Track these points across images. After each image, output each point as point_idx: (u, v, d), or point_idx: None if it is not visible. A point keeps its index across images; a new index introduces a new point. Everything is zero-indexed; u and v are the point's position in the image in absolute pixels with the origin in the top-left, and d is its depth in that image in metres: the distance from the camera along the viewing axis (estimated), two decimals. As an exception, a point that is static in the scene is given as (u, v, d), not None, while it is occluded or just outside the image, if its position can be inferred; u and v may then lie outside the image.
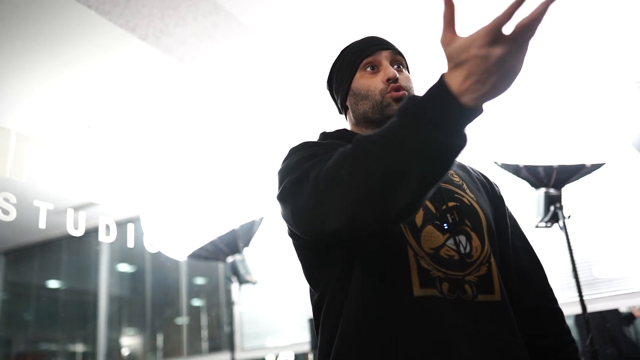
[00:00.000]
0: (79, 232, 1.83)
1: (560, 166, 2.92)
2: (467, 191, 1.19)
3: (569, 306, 3.56)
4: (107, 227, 1.99)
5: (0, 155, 1.61)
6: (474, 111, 0.78)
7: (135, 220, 2.32)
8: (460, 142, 0.79)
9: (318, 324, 1.11)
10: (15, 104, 1.76)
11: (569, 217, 2.91)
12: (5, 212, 1.60)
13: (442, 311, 0.99)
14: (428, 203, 1.11)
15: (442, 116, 0.78)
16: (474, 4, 3.04)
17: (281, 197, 1.04)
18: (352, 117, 1.25)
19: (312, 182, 0.94)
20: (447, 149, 0.79)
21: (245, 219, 2.98)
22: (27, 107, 1.79)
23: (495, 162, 3.07)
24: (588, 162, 2.93)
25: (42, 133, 1.80)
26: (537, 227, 3.04)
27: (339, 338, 1.01)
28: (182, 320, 4.21)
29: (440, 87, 0.78)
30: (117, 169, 2.11)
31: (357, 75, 1.22)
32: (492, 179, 1.36)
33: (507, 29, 0.74)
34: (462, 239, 1.08)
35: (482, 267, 1.07)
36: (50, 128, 1.89)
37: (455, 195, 1.15)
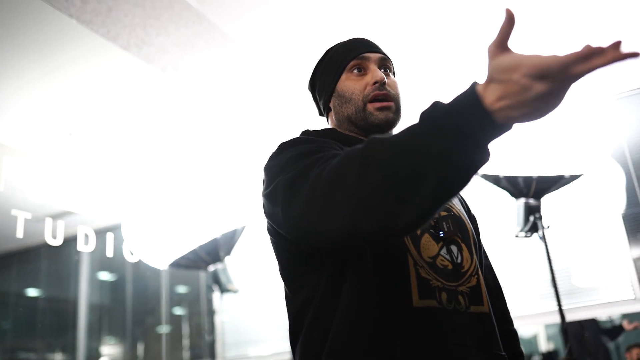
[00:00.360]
0: (57, 242, 1.82)
1: (539, 177, 2.96)
2: (453, 202, 1.18)
3: (548, 315, 3.60)
4: (86, 236, 1.98)
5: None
6: (504, 127, 0.74)
7: (115, 229, 2.31)
8: (484, 156, 0.75)
9: (298, 333, 1.05)
10: (-7, 113, 1.75)
11: (548, 227, 2.95)
12: (-18, 222, 1.58)
13: (440, 322, 0.96)
14: None
15: (472, 127, 0.73)
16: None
17: (271, 195, 0.98)
18: (335, 119, 1.22)
19: (312, 182, 0.87)
20: (471, 162, 0.74)
21: (227, 227, 2.98)
22: (6, 116, 1.78)
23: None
24: (567, 173, 2.97)
25: (21, 142, 1.79)
26: (516, 236, 3.07)
27: (329, 349, 0.96)
28: (163, 329, 4.18)
29: (472, 98, 0.73)
30: (98, 178, 2.10)
31: (343, 76, 1.19)
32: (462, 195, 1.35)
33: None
34: (454, 249, 1.07)
35: (472, 278, 1.06)
36: (30, 137, 1.87)
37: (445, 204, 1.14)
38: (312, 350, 0.99)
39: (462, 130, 0.73)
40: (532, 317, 3.65)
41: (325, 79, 1.24)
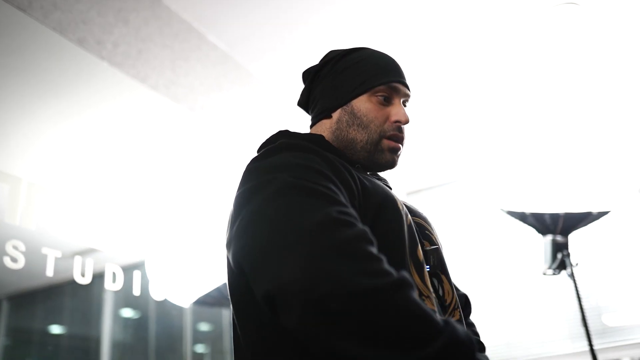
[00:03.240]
0: (86, 280, 1.83)
1: (566, 214, 2.92)
2: (432, 228, 1.10)
3: (579, 356, 3.49)
4: (114, 274, 1.99)
5: (10, 204, 1.63)
6: None
7: (140, 266, 2.32)
8: None
9: None
10: (26, 152, 1.79)
11: (577, 264, 2.89)
12: (14, 260, 1.61)
13: None
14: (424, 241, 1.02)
15: None
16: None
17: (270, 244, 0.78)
18: (331, 130, 1.09)
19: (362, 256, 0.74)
20: None
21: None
22: (37, 154, 1.82)
23: (502, 209, 3.07)
24: (594, 210, 2.93)
25: (49, 179, 1.82)
26: (544, 274, 3.02)
27: None
28: (186, 367, 4.13)
29: None
30: (124, 215, 2.12)
31: (365, 96, 1.07)
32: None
33: None
34: (435, 282, 0.99)
35: (455, 312, 0.99)
36: (57, 174, 1.91)
37: (426, 232, 1.05)
38: None
39: None
40: (562, 357, 3.55)
41: (341, 82, 1.10)
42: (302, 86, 1.23)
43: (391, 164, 1.08)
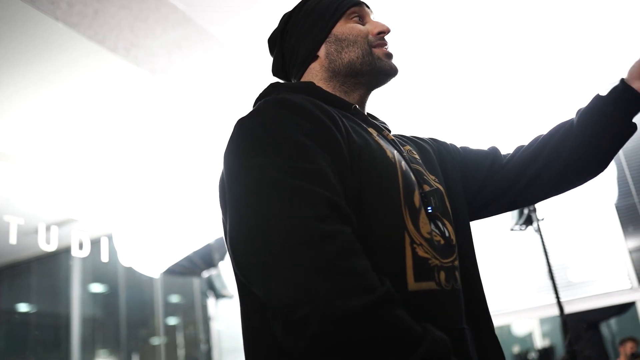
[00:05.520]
0: (51, 247, 1.78)
1: (532, 169, 2.97)
2: (428, 172, 1.08)
3: (545, 309, 3.60)
4: (81, 242, 1.94)
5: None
6: None
7: (108, 237, 2.27)
8: None
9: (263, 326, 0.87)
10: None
11: (543, 219, 2.94)
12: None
13: (439, 306, 0.88)
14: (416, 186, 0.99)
15: None
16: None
17: (246, 224, 0.81)
18: (324, 70, 1.09)
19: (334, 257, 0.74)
20: None
21: (221, 232, 2.94)
22: (-7, 121, 1.74)
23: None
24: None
25: (13, 149, 1.76)
26: (512, 230, 3.07)
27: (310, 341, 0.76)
28: (158, 340, 4.12)
29: None
30: (89, 185, 2.06)
31: (341, 21, 1.09)
32: (425, 137, 1.24)
33: None
34: (439, 223, 0.98)
35: (457, 255, 0.99)
36: (20, 143, 1.84)
37: (424, 177, 1.03)
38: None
39: None
40: (529, 310, 3.65)
41: (312, 24, 1.10)
42: (266, 48, 1.23)
43: (395, 69, 1.08)
